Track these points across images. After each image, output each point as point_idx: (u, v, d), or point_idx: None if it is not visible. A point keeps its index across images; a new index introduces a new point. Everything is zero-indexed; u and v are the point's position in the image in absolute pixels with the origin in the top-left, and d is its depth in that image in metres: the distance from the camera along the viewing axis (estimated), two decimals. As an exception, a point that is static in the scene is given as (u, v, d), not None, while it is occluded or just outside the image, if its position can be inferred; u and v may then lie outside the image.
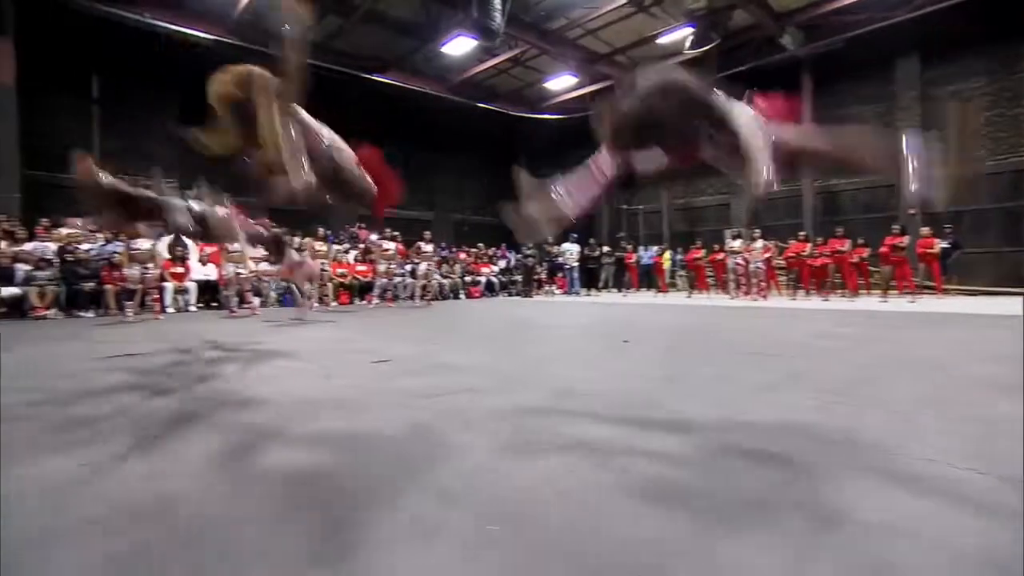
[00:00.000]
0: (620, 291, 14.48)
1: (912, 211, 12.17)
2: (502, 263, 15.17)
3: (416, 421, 2.19)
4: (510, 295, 13.95)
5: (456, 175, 19.98)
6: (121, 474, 1.65)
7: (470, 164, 20.45)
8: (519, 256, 15.80)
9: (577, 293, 13.61)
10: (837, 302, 8.98)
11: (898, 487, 1.44)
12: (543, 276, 14.62)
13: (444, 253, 13.64)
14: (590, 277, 14.21)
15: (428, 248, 10.66)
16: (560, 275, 14.34)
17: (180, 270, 9.14)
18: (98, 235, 9.36)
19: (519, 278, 14.52)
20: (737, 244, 10.48)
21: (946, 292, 9.20)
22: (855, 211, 13.38)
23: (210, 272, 9.66)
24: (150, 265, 7.54)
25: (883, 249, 9.21)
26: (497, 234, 20.45)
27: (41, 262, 8.12)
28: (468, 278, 13.18)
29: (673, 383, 2.95)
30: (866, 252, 10.06)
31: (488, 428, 2.09)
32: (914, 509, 1.32)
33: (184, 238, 9.60)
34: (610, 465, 1.65)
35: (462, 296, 12.63)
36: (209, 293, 9.59)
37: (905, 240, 8.87)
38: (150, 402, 2.66)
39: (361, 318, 7.85)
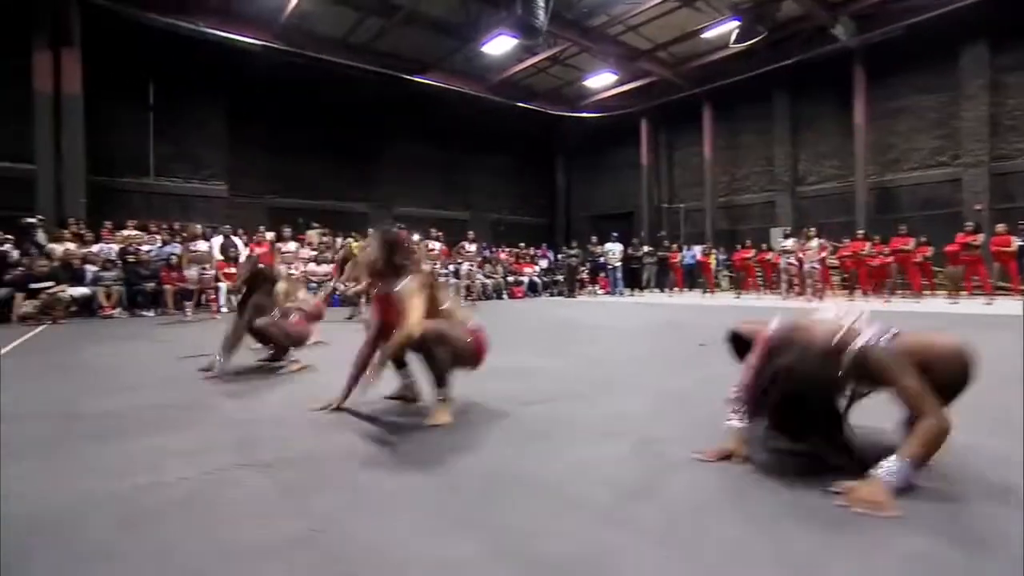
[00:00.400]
0: (663, 291, 14.22)
1: (979, 207, 11.58)
2: (543, 263, 15.09)
3: (534, 429, 2.14)
4: (552, 295, 13.85)
5: (492, 174, 19.99)
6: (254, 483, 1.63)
7: (506, 163, 20.43)
8: (561, 256, 15.69)
9: (620, 293, 13.40)
10: (900, 304, 8.56)
11: None
12: (585, 276, 14.46)
13: (486, 253, 13.62)
14: (632, 277, 13.98)
15: (471, 248, 10.65)
16: (603, 275, 14.15)
17: (233, 271, 9.36)
18: (156, 236, 9.69)
19: (561, 278, 14.40)
20: (790, 243, 10.10)
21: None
22: (912, 208, 12.77)
23: (262, 272, 9.86)
24: (207, 266, 7.72)
25: (952, 247, 8.74)
26: (533, 233, 20.39)
27: (107, 263, 8.44)
28: (511, 278, 13.14)
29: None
30: (929, 251, 9.56)
31: (619, 437, 2.02)
32: None
33: (235, 239, 9.87)
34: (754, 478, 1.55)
35: (505, 296, 12.58)
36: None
37: (979, 238, 8.38)
38: (251, 406, 2.68)
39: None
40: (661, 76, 15.85)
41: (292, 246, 8.47)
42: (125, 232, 9.51)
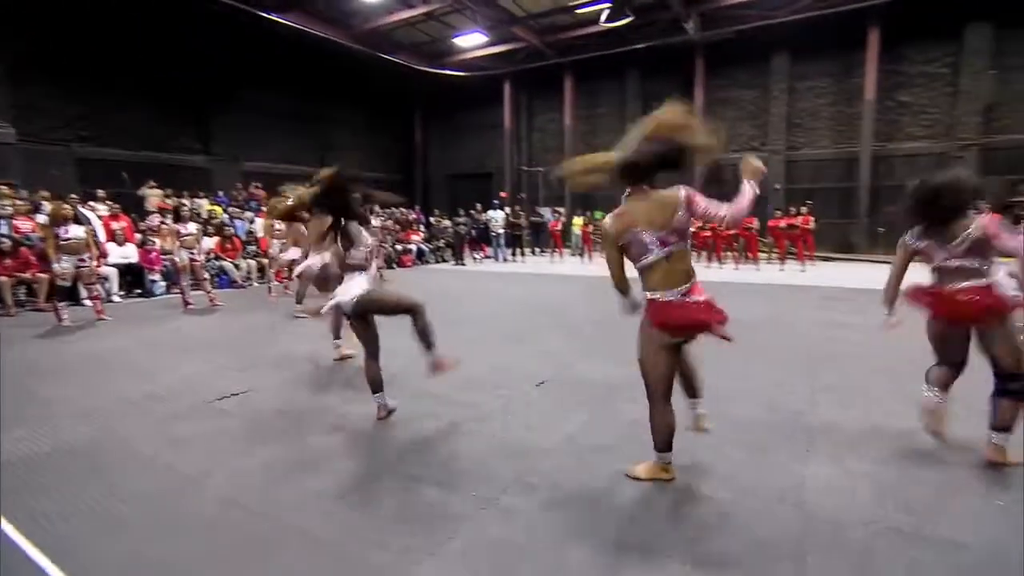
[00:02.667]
0: (533, 253, 15.22)
1: (777, 187, 14.70)
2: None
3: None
4: (436, 263, 13.89)
5: (349, 128, 18.61)
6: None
7: (363, 117, 19.15)
8: (434, 220, 15.67)
9: (504, 259, 14.04)
10: (747, 272, 10.85)
11: None
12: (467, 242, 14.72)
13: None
14: (514, 242, 14.69)
15: (375, 222, 10.12)
16: (486, 242, 14.59)
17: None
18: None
19: (443, 244, 14.46)
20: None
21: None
22: (732, 185, 15.56)
23: (129, 253, 8.17)
24: (86, 256, 6.19)
25: (775, 223, 11.29)
26: (390, 190, 19.63)
27: (-103, 251, 6.21)
28: (399, 247, 12.80)
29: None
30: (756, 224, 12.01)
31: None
32: None
33: (86, 212, 8.01)
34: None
35: (395, 266, 12.27)
36: (131, 278, 8.16)
37: (798, 220, 10.93)
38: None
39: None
40: (529, 43, 16.25)
41: (192, 227, 7.12)
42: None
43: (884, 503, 2.16)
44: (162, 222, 8.77)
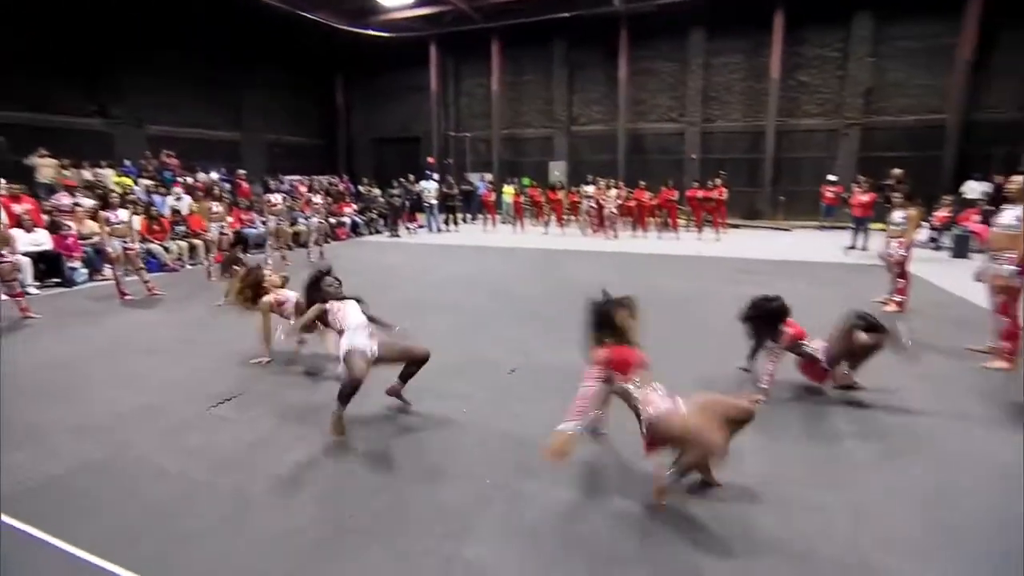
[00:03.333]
0: (464, 221, 15.44)
1: (693, 156, 15.81)
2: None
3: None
4: (370, 234, 13.75)
5: (266, 90, 17.47)
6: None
7: (281, 79, 17.98)
8: (363, 189, 15.38)
9: (439, 229, 14.16)
10: (669, 241, 11.79)
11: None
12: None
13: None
14: (448, 212, 14.78)
15: (318, 200, 9.90)
16: (419, 211, 14.57)
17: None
18: None
19: (375, 215, 14.29)
20: (591, 189, 12.39)
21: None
22: (653, 152, 16.59)
23: (41, 239, 7.52)
24: (5, 251, 5.72)
25: (693, 192, 12.27)
26: (311, 156, 18.96)
27: None
28: (332, 220, 12.52)
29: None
30: (676, 194, 12.95)
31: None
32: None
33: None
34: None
35: (330, 240, 12.04)
36: (44, 266, 7.55)
37: (713, 193, 11.95)
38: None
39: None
40: (456, 6, 15.90)
41: (123, 214, 6.68)
42: None
43: (817, 478, 2.85)
44: (75, 204, 8.09)
